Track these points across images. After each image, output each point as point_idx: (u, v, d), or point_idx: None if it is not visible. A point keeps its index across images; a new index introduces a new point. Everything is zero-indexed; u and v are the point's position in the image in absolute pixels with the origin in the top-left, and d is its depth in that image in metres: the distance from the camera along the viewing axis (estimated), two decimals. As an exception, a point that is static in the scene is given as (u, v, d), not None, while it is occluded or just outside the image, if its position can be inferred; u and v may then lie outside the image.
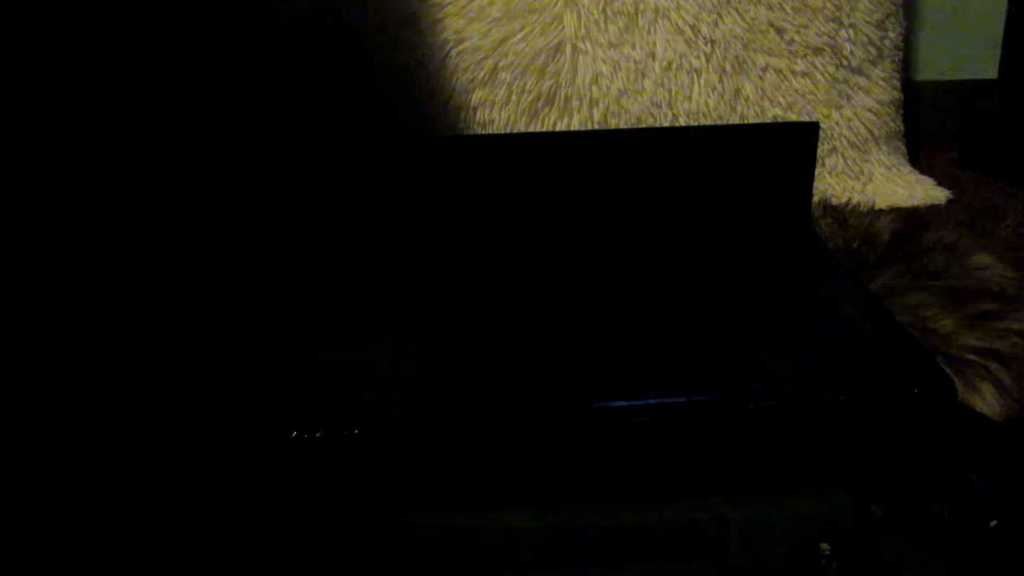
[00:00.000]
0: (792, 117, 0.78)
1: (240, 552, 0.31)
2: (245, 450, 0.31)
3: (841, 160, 0.81)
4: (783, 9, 0.78)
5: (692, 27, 0.76)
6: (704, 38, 0.76)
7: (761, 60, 0.78)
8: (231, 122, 0.66)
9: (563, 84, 0.75)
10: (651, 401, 0.31)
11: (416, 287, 0.41)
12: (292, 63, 0.73)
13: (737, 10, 0.77)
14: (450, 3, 0.74)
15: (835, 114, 0.80)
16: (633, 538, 0.31)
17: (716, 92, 0.77)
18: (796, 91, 0.78)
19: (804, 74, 0.78)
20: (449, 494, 0.31)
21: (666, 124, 0.76)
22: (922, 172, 0.84)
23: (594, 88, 0.75)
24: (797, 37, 0.78)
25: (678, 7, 0.76)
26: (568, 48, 0.75)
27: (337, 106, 0.74)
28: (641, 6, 0.76)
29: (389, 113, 0.75)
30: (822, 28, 0.78)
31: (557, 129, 0.75)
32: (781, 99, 0.78)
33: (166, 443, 0.31)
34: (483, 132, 0.75)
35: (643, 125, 0.76)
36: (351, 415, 0.31)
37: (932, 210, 0.77)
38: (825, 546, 0.30)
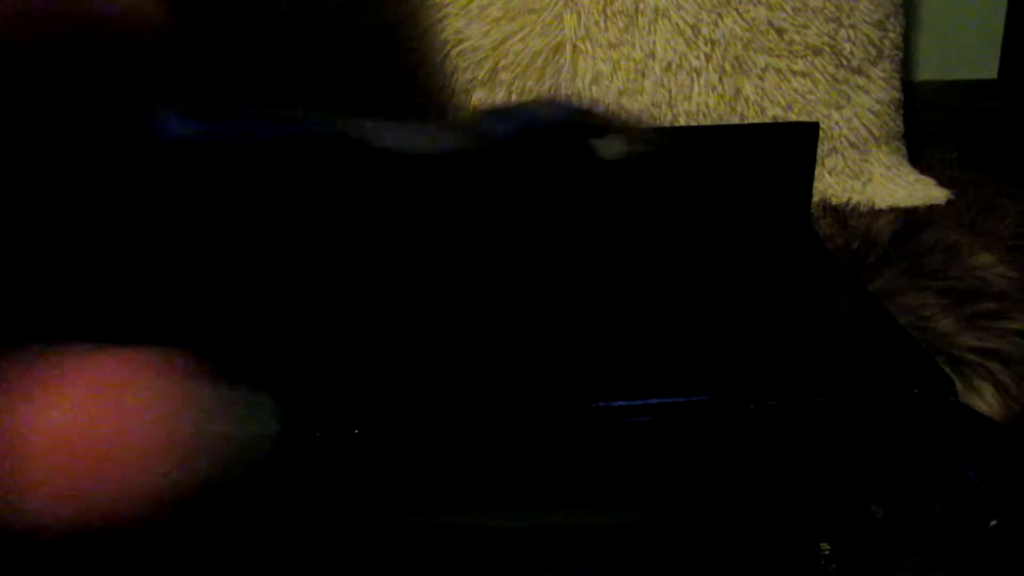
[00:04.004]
0: (792, 117, 0.78)
1: (239, 552, 0.31)
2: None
3: (841, 160, 0.81)
4: (783, 9, 0.78)
5: (692, 27, 0.76)
6: (704, 38, 0.76)
7: (761, 60, 0.78)
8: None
9: (563, 84, 0.75)
10: (651, 401, 0.31)
11: (415, 286, 0.41)
12: (290, 62, 0.73)
13: (737, 10, 0.77)
14: (450, 3, 0.74)
15: (835, 114, 0.80)
16: (632, 538, 0.31)
17: (716, 92, 0.77)
18: (796, 91, 0.78)
19: (804, 74, 0.78)
20: (449, 494, 0.31)
21: (666, 124, 0.76)
22: (922, 172, 0.84)
23: (594, 88, 0.75)
24: (797, 37, 0.78)
25: (678, 7, 0.76)
26: (568, 48, 0.75)
27: (335, 106, 0.74)
28: (641, 6, 0.76)
29: (388, 113, 0.74)
30: (822, 28, 0.78)
31: (557, 129, 0.75)
32: (781, 99, 0.78)
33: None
34: (483, 132, 0.75)
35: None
36: (351, 415, 0.31)
37: (932, 210, 0.77)
38: (825, 546, 0.30)
